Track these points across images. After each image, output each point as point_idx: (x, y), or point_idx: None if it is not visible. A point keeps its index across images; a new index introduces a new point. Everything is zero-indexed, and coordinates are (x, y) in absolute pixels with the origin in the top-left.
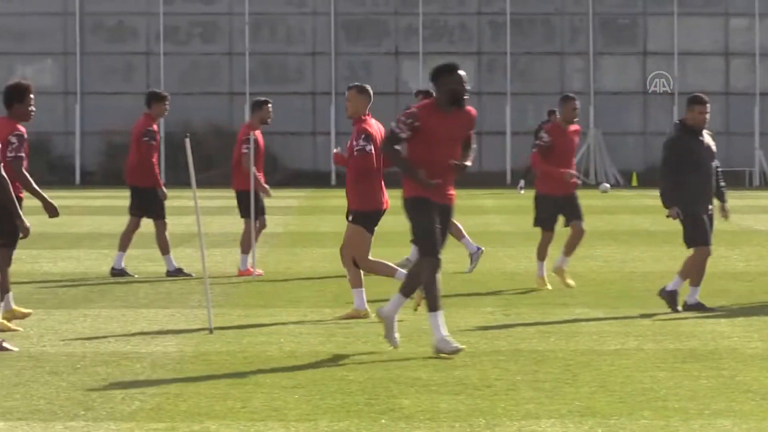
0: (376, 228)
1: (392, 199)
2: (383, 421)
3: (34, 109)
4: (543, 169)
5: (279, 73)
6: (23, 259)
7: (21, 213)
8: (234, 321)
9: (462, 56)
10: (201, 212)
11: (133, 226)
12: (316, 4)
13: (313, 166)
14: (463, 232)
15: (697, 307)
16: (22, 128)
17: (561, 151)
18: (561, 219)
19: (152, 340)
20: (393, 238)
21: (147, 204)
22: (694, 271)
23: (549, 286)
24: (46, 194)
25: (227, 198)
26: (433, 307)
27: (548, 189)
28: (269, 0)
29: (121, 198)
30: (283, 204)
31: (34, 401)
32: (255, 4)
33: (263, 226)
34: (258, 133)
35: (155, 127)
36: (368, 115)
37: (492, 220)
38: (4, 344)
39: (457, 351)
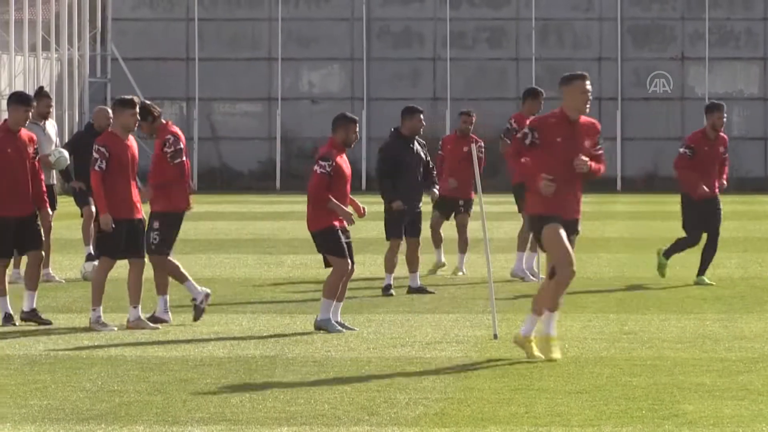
0: None
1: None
2: (667, 426)
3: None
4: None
5: None
6: (307, 264)
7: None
8: (518, 326)
9: (747, 62)
10: (487, 217)
11: None
12: (602, 10)
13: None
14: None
15: None
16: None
17: None
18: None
19: (436, 345)
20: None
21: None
22: None
23: None
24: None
25: (513, 204)
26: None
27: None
28: (556, 5)
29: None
30: None
31: (318, 406)
32: (542, 10)
33: None
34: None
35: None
36: None
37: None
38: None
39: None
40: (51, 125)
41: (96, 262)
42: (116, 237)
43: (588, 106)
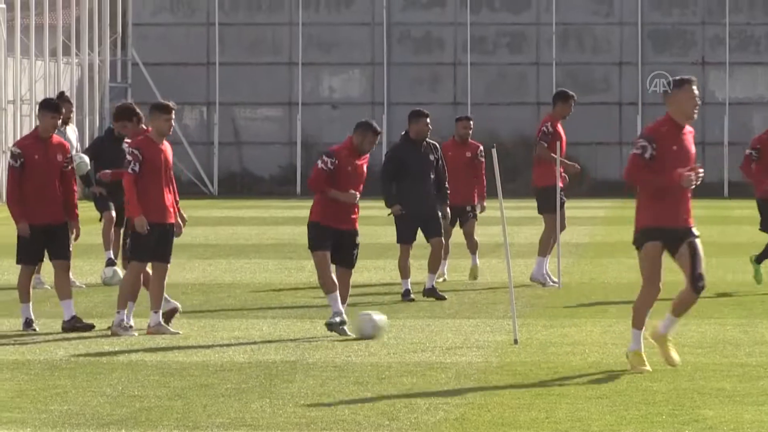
0: None
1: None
2: (687, 431)
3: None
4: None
5: (586, 83)
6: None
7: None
8: (539, 331)
9: None
10: (507, 222)
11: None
12: (623, 14)
13: (619, 177)
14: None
15: None
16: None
17: None
18: None
19: (457, 350)
20: None
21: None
22: None
23: None
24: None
25: (533, 208)
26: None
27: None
28: (576, 10)
29: None
30: (589, 214)
31: (338, 411)
32: (562, 14)
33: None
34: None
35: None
36: None
37: None
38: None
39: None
40: (72, 130)
41: (115, 267)
42: (149, 241)
43: (696, 111)
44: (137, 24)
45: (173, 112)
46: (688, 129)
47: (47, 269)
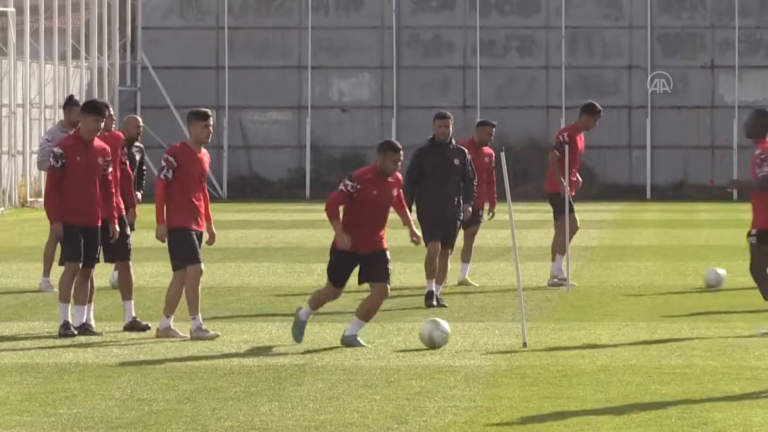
0: None
1: None
2: None
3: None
4: None
5: (595, 87)
6: None
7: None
8: (548, 334)
9: None
10: (516, 226)
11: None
12: (632, 18)
13: (629, 180)
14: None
15: None
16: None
17: None
18: None
19: (466, 354)
20: None
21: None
22: None
23: None
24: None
25: (542, 212)
26: None
27: None
28: (586, 14)
29: None
30: (597, 218)
31: (347, 414)
32: (572, 18)
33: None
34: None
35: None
36: None
37: None
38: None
39: None
40: None
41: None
42: (194, 244)
43: None
44: (147, 28)
45: (210, 118)
46: None
47: (56, 272)
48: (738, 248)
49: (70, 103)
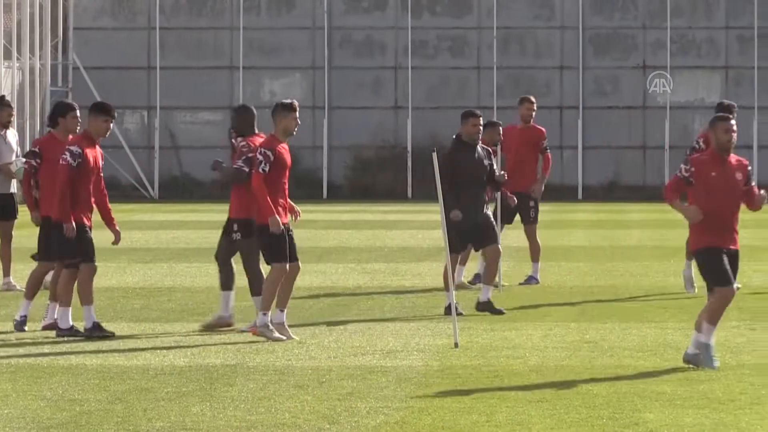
0: None
1: None
2: None
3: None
4: None
5: (527, 88)
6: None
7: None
8: (479, 335)
9: (709, 70)
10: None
11: None
12: (564, 19)
13: (561, 180)
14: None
15: None
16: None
17: None
18: None
19: (397, 354)
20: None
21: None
22: None
23: None
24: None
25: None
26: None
27: None
28: (517, 14)
29: (367, 212)
30: None
31: (279, 415)
32: (503, 19)
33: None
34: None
35: None
36: None
37: None
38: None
39: None
40: (12, 134)
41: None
42: (283, 241)
43: None
44: (78, 28)
45: (297, 110)
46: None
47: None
48: (669, 249)
49: (0, 103)
